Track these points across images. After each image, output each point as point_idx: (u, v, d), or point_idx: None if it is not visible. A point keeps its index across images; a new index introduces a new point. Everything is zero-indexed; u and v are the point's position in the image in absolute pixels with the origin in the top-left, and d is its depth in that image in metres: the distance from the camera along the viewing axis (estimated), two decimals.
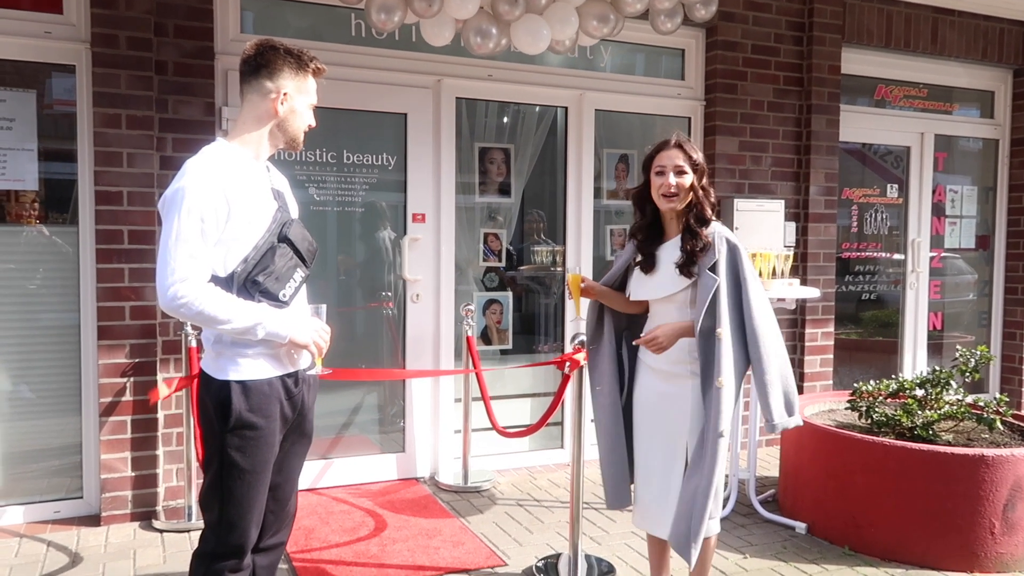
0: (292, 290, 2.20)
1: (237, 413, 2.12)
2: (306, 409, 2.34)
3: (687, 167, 2.65)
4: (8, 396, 3.90)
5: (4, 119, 3.83)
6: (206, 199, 2.04)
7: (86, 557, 3.52)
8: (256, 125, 2.22)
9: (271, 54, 2.19)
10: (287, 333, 2.14)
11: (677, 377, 2.73)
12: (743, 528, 3.96)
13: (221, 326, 2.06)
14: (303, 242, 2.24)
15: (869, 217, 5.97)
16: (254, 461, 2.16)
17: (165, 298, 2.02)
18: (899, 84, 5.94)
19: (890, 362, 6.10)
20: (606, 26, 3.91)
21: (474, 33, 3.80)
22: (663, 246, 2.75)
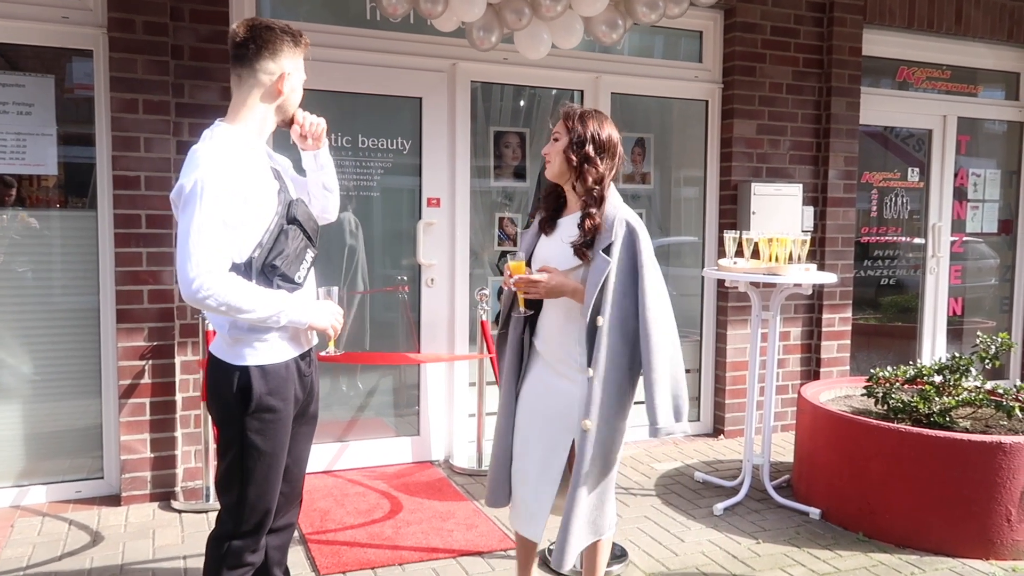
0: (305, 271, 2.22)
1: (258, 397, 2.13)
2: (314, 391, 2.38)
3: (561, 133, 2.54)
4: (30, 379, 3.96)
5: (24, 104, 3.87)
6: (224, 189, 2.02)
7: (107, 536, 3.58)
8: (259, 106, 2.20)
9: (269, 34, 2.16)
10: (308, 319, 2.17)
11: (568, 369, 2.54)
12: (756, 513, 3.96)
13: (245, 315, 2.06)
14: (308, 221, 2.24)
15: (889, 201, 5.90)
16: (274, 443, 2.18)
17: (189, 291, 2.00)
18: (922, 66, 5.84)
19: (909, 348, 6.05)
20: (615, 31, 3.92)
21: (477, 29, 3.84)
22: (563, 219, 2.62)
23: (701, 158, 5.29)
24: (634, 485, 4.35)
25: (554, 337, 2.58)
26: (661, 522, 3.84)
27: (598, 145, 2.52)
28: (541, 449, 2.57)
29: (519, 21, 3.69)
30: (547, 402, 2.58)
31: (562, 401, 2.54)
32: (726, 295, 5.14)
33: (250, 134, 2.21)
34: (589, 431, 2.46)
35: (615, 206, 2.53)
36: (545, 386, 2.59)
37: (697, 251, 5.38)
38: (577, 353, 2.51)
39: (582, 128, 2.52)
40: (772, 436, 4.34)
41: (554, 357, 2.58)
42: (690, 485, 4.36)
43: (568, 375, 2.54)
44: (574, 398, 2.51)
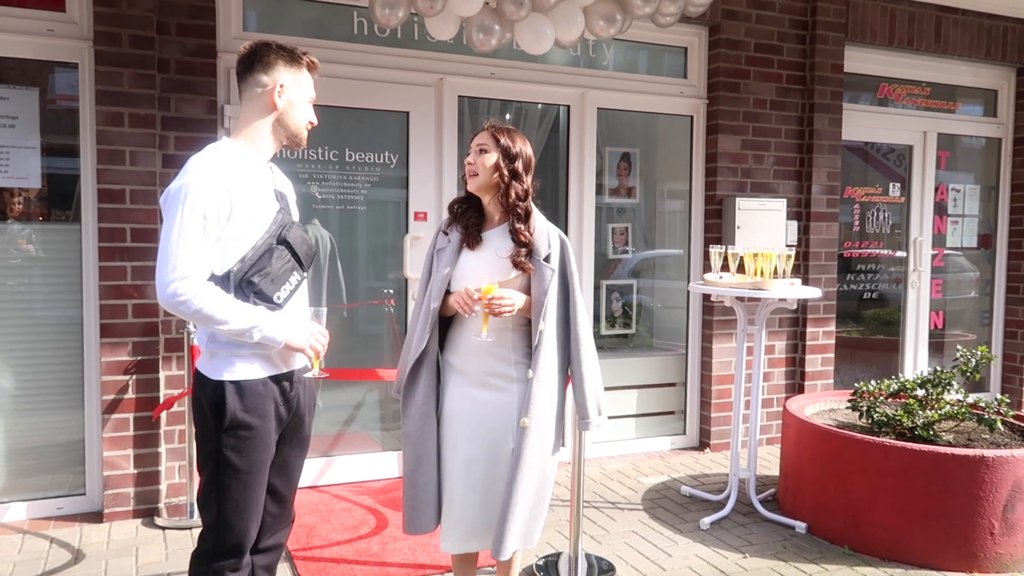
0: (287, 293, 2.20)
1: (232, 413, 2.12)
2: (303, 411, 2.34)
3: (490, 146, 2.56)
4: (11, 393, 3.92)
5: (7, 117, 3.84)
6: (209, 196, 2.03)
7: (89, 554, 3.53)
8: (257, 121, 2.21)
9: (264, 49, 2.21)
10: (283, 337, 2.13)
11: (498, 379, 2.56)
12: (743, 527, 3.97)
13: (218, 326, 2.06)
14: (302, 245, 2.23)
15: (871, 216, 5.96)
16: (250, 461, 2.16)
17: (164, 294, 2.02)
18: (902, 83, 5.93)
19: (891, 360, 6.10)
20: (613, 27, 3.90)
21: (477, 30, 3.79)
22: (486, 232, 2.61)
23: (686, 172, 5.34)
24: (621, 499, 4.35)
25: (481, 350, 2.55)
26: (648, 536, 3.84)
27: (524, 161, 2.60)
28: (484, 464, 2.56)
29: (519, 12, 3.65)
30: (480, 416, 2.56)
31: (495, 412, 2.55)
32: (711, 309, 5.18)
33: (249, 149, 2.22)
34: (528, 428, 2.49)
35: (542, 219, 2.62)
36: (471, 401, 2.57)
37: (682, 264, 5.41)
38: (511, 361, 2.57)
39: (510, 142, 2.57)
40: (758, 450, 4.36)
41: (480, 370, 2.57)
42: (677, 499, 4.37)
43: (496, 385, 2.57)
44: (507, 406, 2.55)
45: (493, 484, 2.56)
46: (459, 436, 2.59)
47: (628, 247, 5.33)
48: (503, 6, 3.66)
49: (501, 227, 2.60)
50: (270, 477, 2.26)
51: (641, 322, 5.47)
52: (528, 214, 2.57)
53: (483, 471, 2.56)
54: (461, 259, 2.61)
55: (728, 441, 5.16)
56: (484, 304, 2.44)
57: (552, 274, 2.53)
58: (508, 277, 2.54)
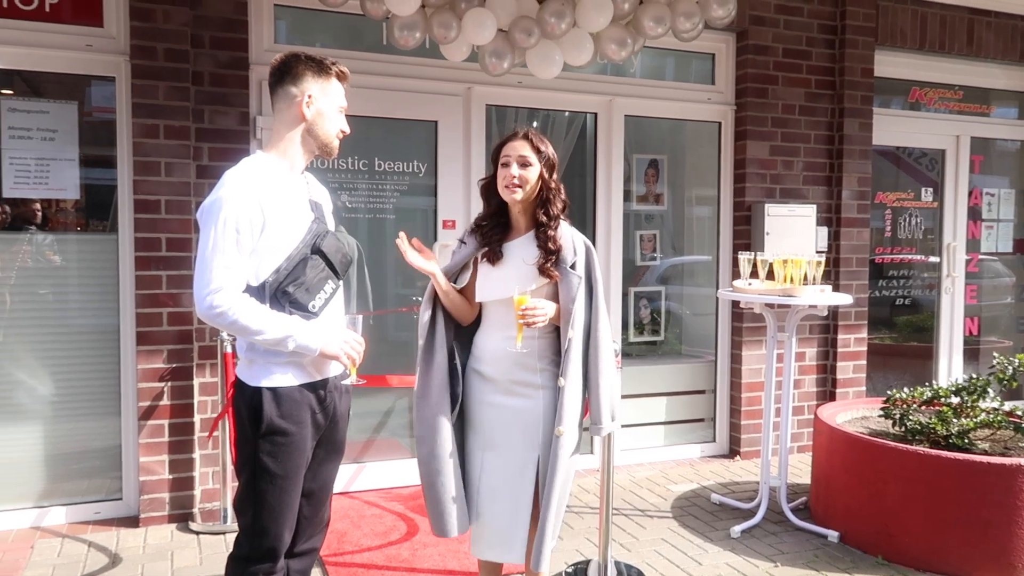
0: (322, 301, 2.23)
1: (268, 419, 2.17)
2: (338, 417, 2.37)
3: (532, 158, 2.52)
4: (51, 399, 4.01)
5: (47, 130, 3.94)
6: (241, 210, 2.08)
7: (125, 558, 3.60)
8: (287, 133, 2.25)
9: (292, 61, 2.24)
10: (317, 345, 2.17)
11: (523, 387, 2.56)
12: (774, 536, 3.93)
13: (254, 336, 2.11)
14: (336, 254, 2.26)
15: (903, 221, 5.89)
16: (286, 467, 2.20)
17: (202, 307, 2.08)
18: (934, 86, 5.86)
19: (925, 368, 6.01)
20: (624, 50, 3.95)
21: (490, 55, 3.91)
22: (511, 242, 2.59)
23: (714, 179, 5.32)
24: (650, 507, 4.34)
25: (508, 357, 2.55)
26: (678, 544, 3.82)
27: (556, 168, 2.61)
28: (508, 472, 2.55)
29: (528, 40, 3.74)
30: (504, 423, 2.56)
31: (521, 419, 2.54)
32: (741, 316, 5.14)
33: (283, 161, 2.26)
34: (563, 436, 2.48)
35: (566, 225, 2.60)
36: (496, 408, 2.58)
37: (710, 270, 5.39)
38: (536, 369, 2.55)
39: (547, 149, 2.57)
40: (789, 458, 4.32)
41: (506, 377, 2.57)
42: (706, 507, 4.34)
43: (523, 393, 2.56)
44: (533, 414, 2.54)
45: (517, 492, 2.55)
46: (484, 443, 2.60)
47: (656, 254, 5.32)
48: (514, 34, 3.75)
49: (527, 235, 2.58)
50: (305, 482, 2.29)
51: (670, 329, 5.45)
52: (556, 221, 2.57)
53: (507, 478, 2.55)
54: (483, 271, 2.61)
55: (758, 449, 5.12)
56: (518, 315, 2.43)
57: (579, 281, 2.51)
58: (534, 286, 2.52)
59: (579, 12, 3.76)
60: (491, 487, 2.58)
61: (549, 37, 3.80)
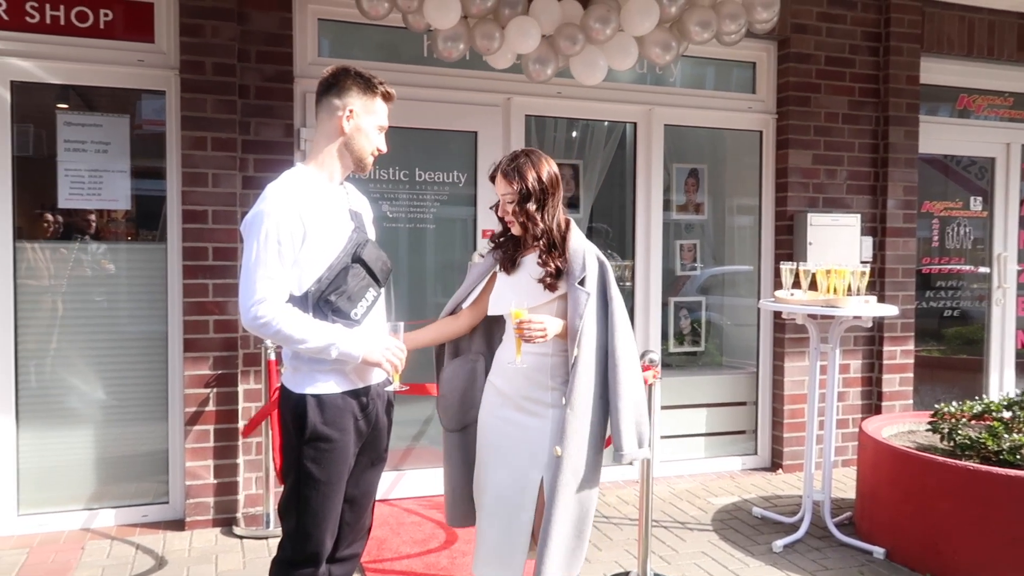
0: (364, 309, 2.26)
1: (312, 426, 2.20)
2: (381, 425, 2.40)
3: (512, 194, 2.49)
4: (101, 404, 4.12)
5: (101, 143, 4.06)
6: (283, 222, 2.13)
7: (171, 560, 3.67)
8: (326, 145, 2.29)
9: (341, 74, 2.28)
10: (360, 352, 2.19)
11: (534, 404, 2.52)
12: (817, 551, 3.86)
13: (298, 345, 2.15)
14: (376, 262, 2.30)
15: (951, 231, 5.77)
16: (329, 473, 2.23)
17: (247, 317, 2.14)
18: (983, 93, 5.73)
19: (974, 381, 5.86)
20: (669, 53, 3.94)
21: (533, 62, 3.92)
22: (525, 257, 2.59)
23: (755, 188, 5.27)
24: (690, 519, 4.29)
25: (522, 373, 2.52)
26: (719, 558, 3.77)
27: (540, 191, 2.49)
28: (509, 489, 2.51)
29: (573, 47, 3.73)
30: (511, 439, 2.53)
31: (527, 436, 2.50)
32: (783, 327, 5.07)
33: (322, 173, 2.30)
34: (561, 458, 2.41)
35: (580, 240, 2.54)
36: (504, 422, 2.55)
37: (752, 281, 5.33)
38: (547, 387, 2.51)
39: (522, 182, 2.47)
40: (833, 471, 4.25)
41: (519, 393, 2.54)
42: (748, 520, 4.28)
43: (532, 410, 2.52)
44: (540, 433, 2.49)
45: (518, 511, 2.50)
46: (488, 458, 2.58)
47: (696, 263, 5.28)
48: (558, 41, 3.75)
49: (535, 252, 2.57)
50: (348, 488, 2.33)
51: (710, 340, 5.40)
52: (553, 242, 2.51)
53: (508, 496, 2.51)
54: (499, 282, 2.62)
55: (801, 462, 5.03)
56: (515, 329, 2.40)
57: (587, 298, 2.44)
58: (542, 301, 2.49)
59: (624, 16, 3.75)
60: (491, 504, 2.56)
61: (594, 43, 3.79)
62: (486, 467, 2.59)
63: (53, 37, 3.93)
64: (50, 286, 4.02)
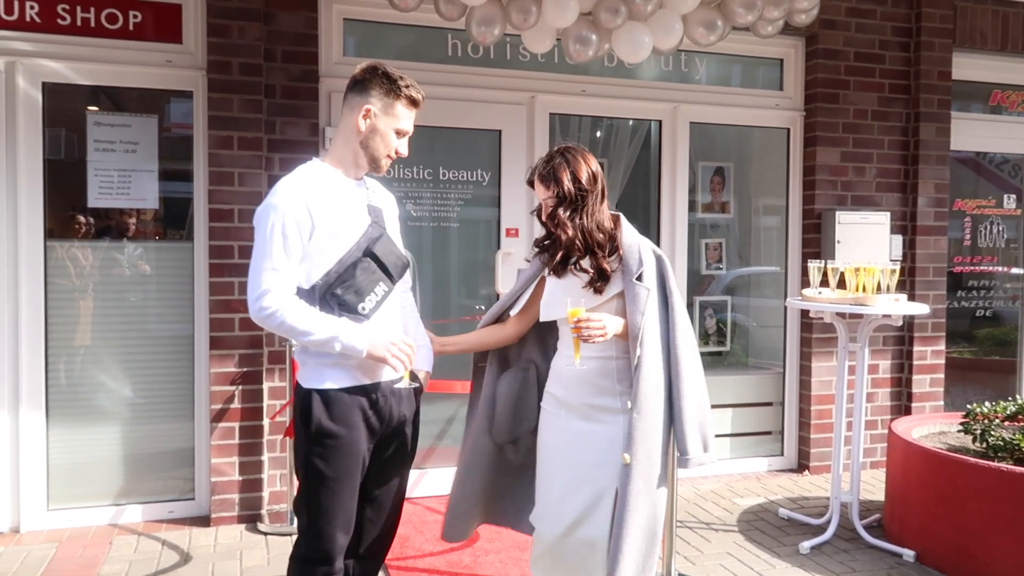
0: (373, 303, 2.21)
1: (317, 421, 2.18)
2: (397, 423, 2.33)
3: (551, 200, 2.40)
4: (129, 401, 4.17)
5: (130, 143, 4.11)
6: (289, 215, 2.11)
7: (196, 556, 3.71)
8: (345, 141, 2.26)
9: (368, 73, 2.24)
10: (363, 346, 2.14)
11: (601, 412, 2.40)
12: (845, 553, 3.80)
13: (303, 338, 2.13)
14: (389, 256, 2.25)
15: (984, 229, 5.66)
16: (337, 469, 2.19)
17: (253, 309, 2.13)
18: (1017, 89, 5.62)
19: (1007, 383, 5.74)
20: (713, 33, 3.81)
21: (573, 41, 3.77)
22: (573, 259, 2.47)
23: (782, 186, 5.21)
24: (715, 520, 4.25)
25: (584, 379, 2.41)
26: (744, 559, 3.73)
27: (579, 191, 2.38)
28: (581, 502, 2.38)
29: (614, 19, 3.59)
30: (579, 450, 2.40)
31: (597, 446, 2.37)
32: (810, 326, 5.01)
33: (338, 168, 2.27)
34: (630, 465, 2.29)
35: (633, 234, 2.44)
36: (572, 434, 2.42)
37: (778, 281, 5.27)
38: (615, 392, 2.39)
39: (557, 186, 2.38)
40: (861, 473, 4.18)
41: (583, 401, 2.42)
42: (774, 522, 4.23)
43: (599, 418, 2.40)
44: (611, 440, 2.36)
45: (590, 525, 2.38)
46: (555, 471, 2.45)
47: (722, 263, 5.23)
48: (598, 14, 3.63)
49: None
50: (368, 487, 2.31)
51: (736, 340, 5.35)
52: (590, 245, 2.39)
53: (579, 509, 2.38)
54: (548, 286, 2.51)
55: (828, 463, 4.96)
56: (572, 329, 2.28)
57: (648, 294, 2.33)
58: (598, 303, 2.39)
59: None
60: (559, 518, 2.42)
61: (636, 18, 3.65)
62: (552, 482, 2.45)
63: (84, 39, 3.99)
64: (79, 285, 4.08)
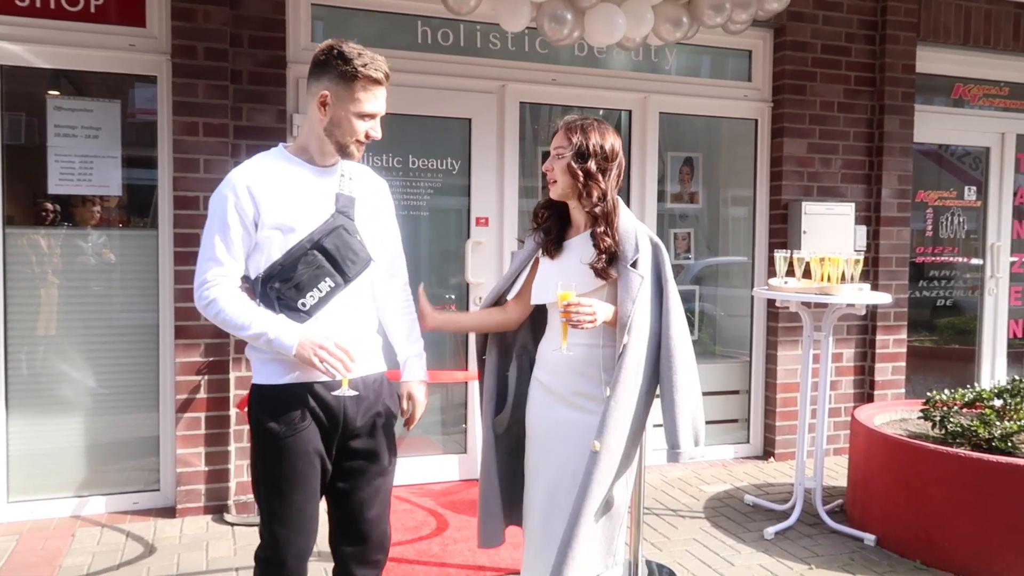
0: (315, 300, 2.08)
1: (256, 417, 2.11)
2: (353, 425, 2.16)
3: (565, 149, 2.32)
4: (92, 392, 4.10)
5: (91, 128, 4.03)
6: (232, 206, 2.05)
7: (162, 547, 3.67)
8: (308, 128, 2.15)
9: (325, 55, 2.10)
10: (291, 343, 2.01)
11: (585, 400, 2.33)
12: (809, 538, 3.87)
13: (239, 332, 2.05)
14: (343, 250, 2.10)
15: (945, 220, 5.77)
16: (282, 469, 2.07)
17: (195, 298, 2.08)
18: (978, 83, 5.73)
19: (966, 371, 5.88)
20: (678, 30, 3.87)
21: (548, 19, 3.78)
22: (571, 240, 2.40)
23: (750, 177, 5.26)
24: (682, 507, 4.30)
25: (570, 366, 2.35)
26: (710, 545, 3.78)
27: (603, 156, 2.32)
28: (566, 492, 2.32)
29: None
30: (564, 439, 2.34)
31: (582, 435, 2.29)
32: (776, 315, 5.08)
33: (299, 155, 2.17)
34: (599, 453, 2.22)
35: (631, 220, 2.37)
36: (556, 422, 2.37)
37: (745, 271, 5.33)
38: (599, 381, 2.33)
39: (584, 139, 2.31)
40: (824, 460, 4.25)
41: (568, 388, 2.36)
42: (740, 508, 4.29)
43: (583, 406, 2.34)
44: (592, 430, 2.27)
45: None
46: (541, 461, 2.40)
47: (690, 253, 5.27)
48: None
49: (585, 234, 2.37)
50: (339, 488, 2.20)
51: (704, 329, 5.40)
52: (608, 216, 2.31)
53: (565, 500, 2.31)
54: (541, 268, 2.43)
55: (793, 450, 5.04)
56: (561, 313, 2.20)
57: (641, 281, 2.26)
58: (592, 288, 2.30)
59: None
60: (547, 510, 2.36)
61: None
62: (537, 470, 2.42)
63: (43, 21, 3.89)
64: (40, 273, 3.99)
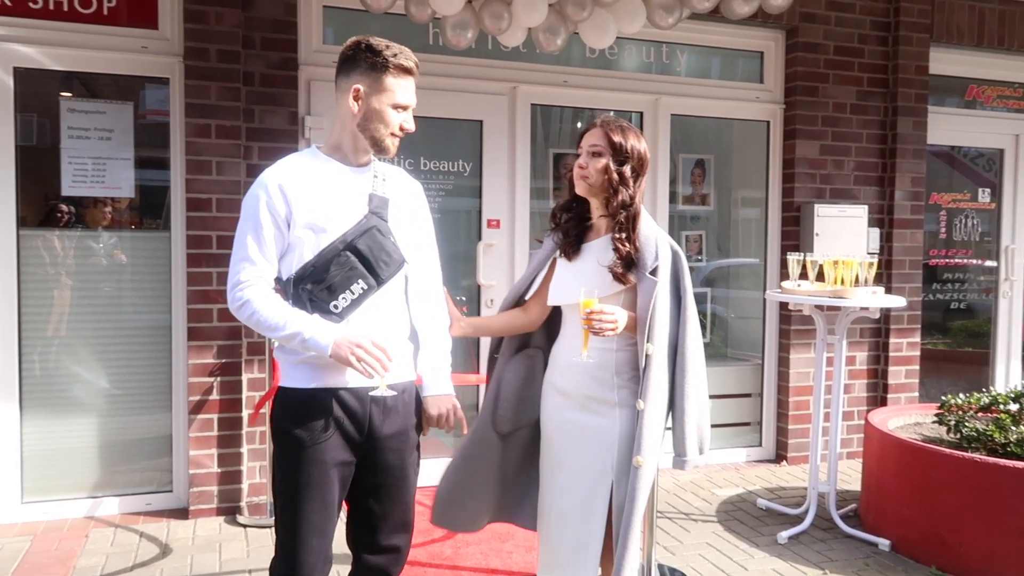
0: (347, 302, 2.05)
1: (277, 421, 2.09)
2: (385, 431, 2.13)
3: (604, 148, 2.33)
4: (106, 393, 4.11)
5: (104, 130, 4.04)
6: (264, 205, 2.03)
7: (175, 549, 3.67)
8: (342, 126, 2.13)
9: (353, 50, 2.11)
10: (327, 343, 1.97)
11: (599, 404, 2.35)
12: (822, 543, 3.85)
13: (273, 333, 2.02)
14: (376, 251, 2.07)
15: (959, 223, 5.73)
16: (300, 477, 2.04)
17: (229, 300, 2.06)
18: (992, 84, 5.69)
19: (980, 374, 5.84)
20: (671, 15, 3.89)
21: (544, 32, 3.85)
22: (590, 243, 2.42)
23: (762, 179, 5.24)
24: (695, 511, 4.28)
25: (583, 371, 2.36)
26: (723, 549, 3.76)
27: (636, 161, 2.35)
28: (580, 495, 2.35)
29: (581, 12, 3.68)
30: (578, 442, 2.37)
31: (595, 439, 2.34)
32: (789, 318, 5.05)
33: (334, 155, 2.15)
34: (641, 467, 2.24)
35: (651, 226, 2.37)
36: (571, 425, 2.39)
37: (757, 273, 5.30)
38: (613, 385, 2.35)
39: (623, 140, 2.33)
40: (838, 463, 4.23)
41: (582, 392, 2.38)
42: (753, 512, 4.27)
43: (597, 410, 2.36)
44: (609, 435, 2.32)
45: (588, 519, 2.35)
46: (556, 463, 2.42)
47: (702, 255, 5.26)
48: (566, 9, 3.70)
49: (605, 237, 2.37)
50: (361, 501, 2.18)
51: (715, 331, 5.38)
52: (632, 222, 2.33)
53: (579, 502, 2.35)
54: (559, 270, 2.44)
55: (806, 454, 5.01)
56: (583, 320, 2.19)
57: (656, 287, 2.26)
58: (610, 292, 2.30)
59: None
60: (561, 512, 2.39)
61: (601, 5, 3.74)
62: (553, 472, 2.43)
63: (56, 23, 3.91)
64: (53, 274, 4.01)
